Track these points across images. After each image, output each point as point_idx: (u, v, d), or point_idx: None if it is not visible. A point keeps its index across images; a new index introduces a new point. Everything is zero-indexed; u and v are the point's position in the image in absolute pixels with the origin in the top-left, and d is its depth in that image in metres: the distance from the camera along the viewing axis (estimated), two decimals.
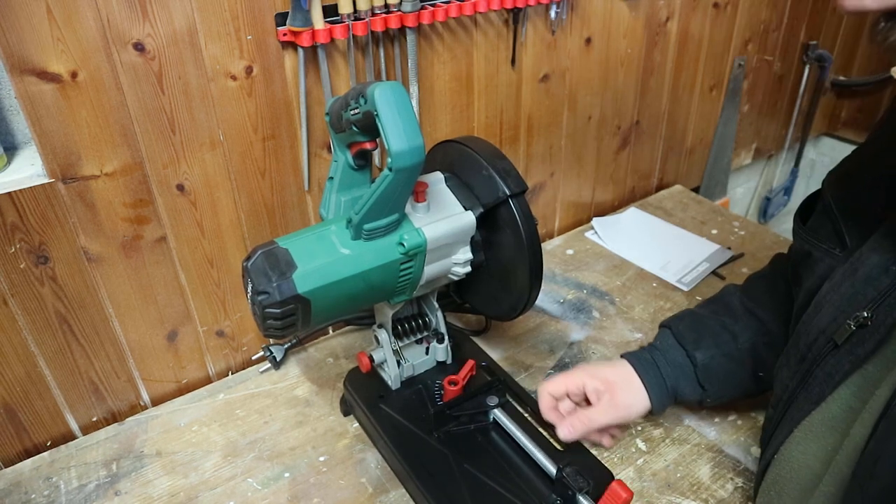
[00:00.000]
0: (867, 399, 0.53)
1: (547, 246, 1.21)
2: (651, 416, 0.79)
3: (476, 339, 0.95)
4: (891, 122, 0.63)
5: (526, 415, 0.79)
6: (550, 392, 0.76)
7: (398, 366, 0.80)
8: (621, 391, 0.75)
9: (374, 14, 0.83)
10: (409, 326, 0.81)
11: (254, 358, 0.96)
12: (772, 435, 0.62)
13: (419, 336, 0.82)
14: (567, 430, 0.73)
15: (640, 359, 0.78)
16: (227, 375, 0.95)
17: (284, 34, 0.79)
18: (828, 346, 0.56)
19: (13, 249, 0.73)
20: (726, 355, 0.76)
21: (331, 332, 1.01)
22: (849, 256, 0.58)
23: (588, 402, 0.77)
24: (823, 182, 0.65)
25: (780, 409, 0.62)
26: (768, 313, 0.77)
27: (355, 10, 0.81)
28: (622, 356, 0.79)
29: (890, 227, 0.56)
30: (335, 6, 0.79)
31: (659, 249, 1.18)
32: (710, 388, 0.76)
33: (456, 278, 0.74)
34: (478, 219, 0.71)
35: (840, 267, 0.59)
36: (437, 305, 0.81)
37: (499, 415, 0.75)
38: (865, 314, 0.53)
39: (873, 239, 0.57)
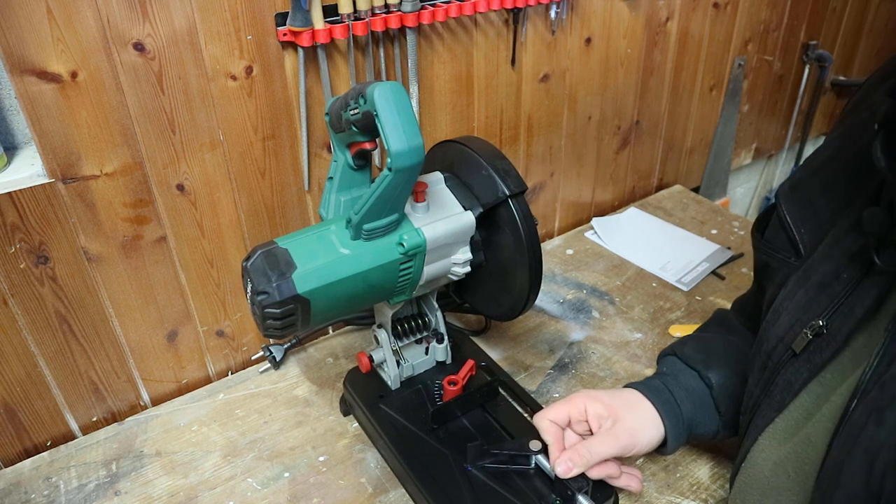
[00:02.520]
0: (825, 405, 0.52)
1: (547, 246, 1.21)
2: (663, 452, 0.70)
3: (476, 339, 0.95)
4: (841, 128, 0.64)
5: (525, 415, 0.79)
6: (552, 419, 0.67)
7: (398, 366, 0.80)
8: (625, 415, 0.67)
9: (374, 14, 0.83)
10: (408, 326, 0.81)
11: (254, 358, 0.96)
12: (741, 443, 0.62)
13: (419, 336, 0.82)
14: (565, 467, 0.64)
15: (650, 386, 0.70)
16: (227, 375, 0.95)
17: (284, 34, 0.79)
18: (786, 354, 0.56)
19: (13, 249, 0.73)
20: (739, 375, 0.69)
21: (331, 332, 1.01)
22: (803, 264, 0.59)
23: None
24: (776, 194, 0.66)
25: (747, 416, 0.61)
26: None
27: (355, 10, 0.81)
28: (628, 385, 0.72)
29: (838, 233, 0.56)
30: (335, 6, 0.79)
31: (659, 249, 1.18)
32: (726, 411, 0.70)
33: (456, 278, 0.74)
34: (477, 219, 0.71)
35: (794, 274, 0.59)
36: (436, 305, 0.81)
37: (542, 461, 0.69)
38: (821, 322, 0.53)
39: (823, 246, 0.57)
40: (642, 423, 0.67)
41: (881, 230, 0.49)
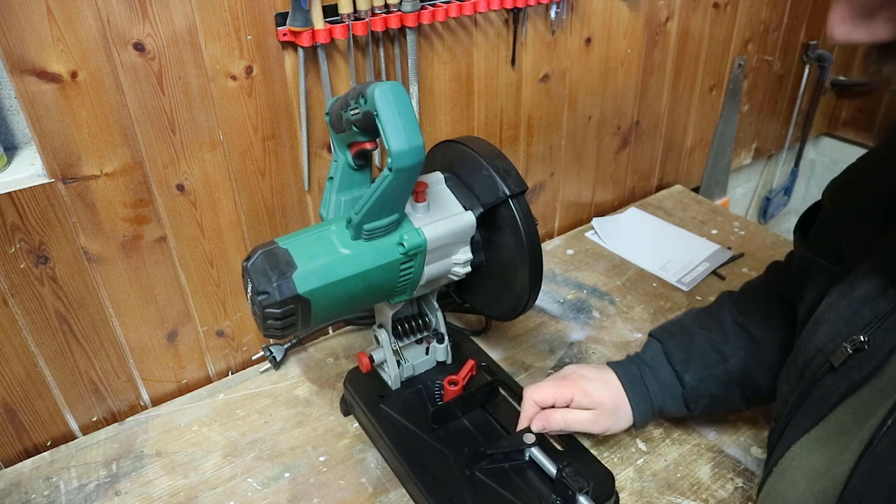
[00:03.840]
0: (861, 422, 0.51)
1: (547, 246, 1.21)
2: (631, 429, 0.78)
3: (476, 339, 0.95)
4: (890, 138, 0.62)
5: None
6: (537, 401, 0.74)
7: (398, 366, 0.80)
8: (608, 416, 0.74)
9: (374, 14, 0.83)
10: (409, 326, 0.81)
11: (254, 358, 0.96)
12: (773, 449, 0.62)
13: (419, 336, 0.82)
14: (542, 424, 0.72)
15: (629, 374, 0.77)
16: (227, 375, 0.95)
17: (284, 34, 0.79)
18: (824, 367, 0.55)
19: (13, 249, 0.73)
20: (715, 377, 0.75)
21: (331, 332, 1.01)
22: (847, 273, 0.57)
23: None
24: (824, 192, 0.64)
25: (780, 424, 0.61)
26: (760, 330, 0.76)
27: (355, 10, 0.81)
28: (610, 366, 0.78)
29: (888, 247, 0.54)
30: (335, 6, 0.79)
31: (659, 249, 1.18)
32: (695, 409, 0.76)
33: (456, 278, 0.74)
34: (478, 219, 0.70)
35: (838, 284, 0.57)
36: (437, 305, 0.81)
37: (536, 454, 0.71)
38: (862, 338, 0.51)
39: (872, 259, 0.55)
40: (617, 421, 0.75)
41: None
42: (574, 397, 0.74)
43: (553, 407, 0.74)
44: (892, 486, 0.45)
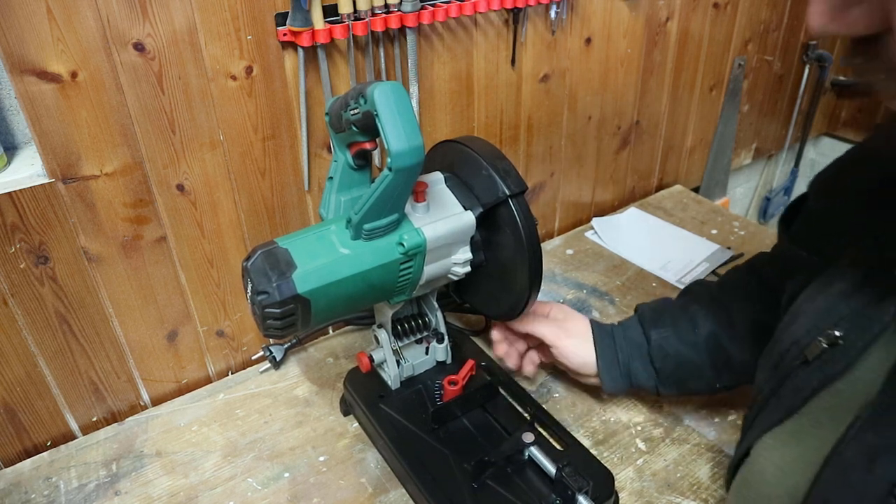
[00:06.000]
0: (837, 419, 0.50)
1: (547, 246, 1.21)
2: (606, 393, 0.81)
3: (476, 339, 0.95)
4: (881, 133, 0.61)
5: (526, 415, 0.79)
6: (504, 337, 0.84)
7: (398, 366, 0.80)
8: (569, 337, 0.80)
9: (374, 14, 0.83)
10: (408, 326, 0.81)
11: (254, 358, 0.96)
12: (745, 434, 0.61)
13: (419, 336, 0.82)
14: (532, 368, 0.84)
15: (601, 329, 0.81)
16: (227, 375, 0.95)
17: (284, 34, 0.79)
18: (798, 359, 0.54)
19: (13, 249, 0.73)
20: (681, 339, 0.77)
21: (331, 332, 1.01)
22: (827, 266, 0.56)
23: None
24: (810, 184, 0.64)
25: (754, 410, 0.60)
26: (735, 306, 0.77)
27: (355, 10, 0.81)
28: (591, 321, 0.82)
29: (868, 242, 0.53)
30: (335, 6, 0.79)
31: (659, 249, 1.18)
32: (662, 368, 0.77)
33: (456, 278, 0.74)
34: (477, 219, 0.71)
35: (817, 277, 0.57)
36: (436, 305, 0.81)
37: (535, 452, 0.70)
38: (837, 333, 0.51)
39: (851, 253, 0.54)
40: (580, 349, 0.80)
41: None
42: (544, 337, 0.80)
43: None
44: (858, 494, 0.44)
